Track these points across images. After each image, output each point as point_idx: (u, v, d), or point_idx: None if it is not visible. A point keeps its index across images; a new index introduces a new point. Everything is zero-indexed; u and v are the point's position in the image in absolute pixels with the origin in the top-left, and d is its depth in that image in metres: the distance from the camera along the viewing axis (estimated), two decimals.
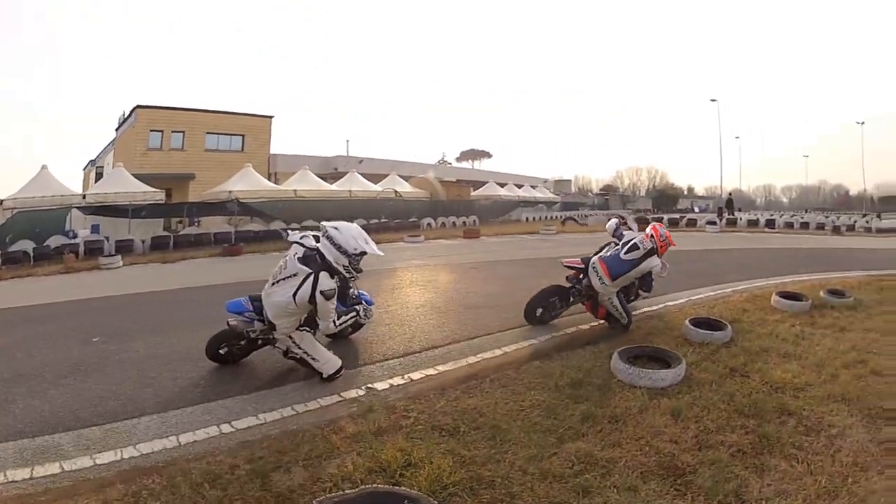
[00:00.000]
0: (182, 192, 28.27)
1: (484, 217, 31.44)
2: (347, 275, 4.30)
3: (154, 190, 20.21)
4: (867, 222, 33.29)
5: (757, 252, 15.98)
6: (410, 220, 26.89)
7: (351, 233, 4.24)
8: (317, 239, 4.32)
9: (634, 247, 5.90)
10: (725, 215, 32.05)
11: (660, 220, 26.03)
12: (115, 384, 4.59)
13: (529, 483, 2.94)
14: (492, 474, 3.01)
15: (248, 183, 22.54)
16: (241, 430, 3.62)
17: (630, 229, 6.83)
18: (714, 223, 26.55)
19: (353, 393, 4.26)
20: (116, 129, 32.23)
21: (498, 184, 39.24)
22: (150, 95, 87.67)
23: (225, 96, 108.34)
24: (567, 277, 6.20)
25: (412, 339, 5.82)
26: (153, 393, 4.35)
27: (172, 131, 29.61)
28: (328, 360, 4.35)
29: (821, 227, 29.25)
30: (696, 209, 57.18)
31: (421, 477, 2.92)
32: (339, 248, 4.13)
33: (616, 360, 4.62)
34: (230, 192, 21.52)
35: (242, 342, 4.68)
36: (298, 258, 4.20)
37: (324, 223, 4.32)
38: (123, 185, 19.59)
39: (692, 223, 28.47)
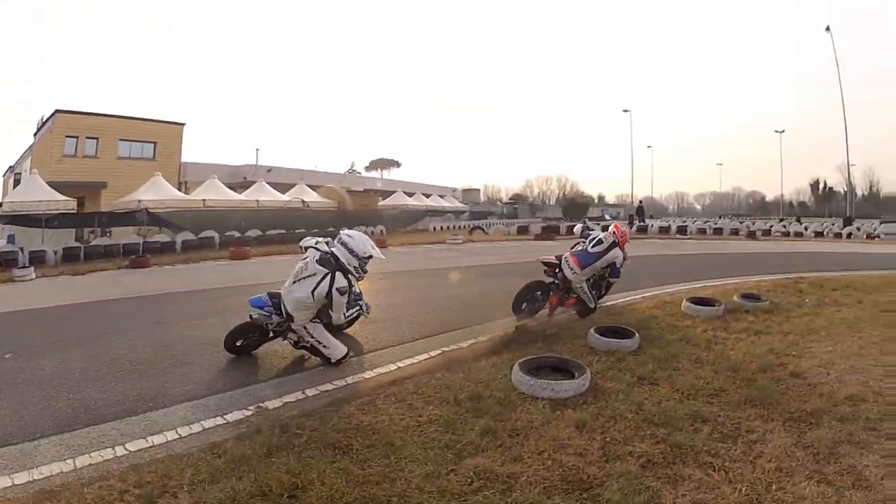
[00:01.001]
0: (95, 200, 31.33)
1: (391, 227, 35.24)
2: (357, 275, 5.86)
3: (65, 199, 22.55)
4: (784, 227, 38.85)
5: (668, 258, 18.01)
6: (314, 230, 29.74)
7: (361, 239, 5.88)
8: (328, 244, 5.92)
9: (599, 241, 8.06)
10: (636, 222, 36.25)
11: (570, 228, 29.95)
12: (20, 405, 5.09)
13: (426, 501, 3.19)
14: (387, 493, 3.25)
15: (157, 192, 25.82)
16: (133, 452, 4.02)
17: (592, 230, 8.88)
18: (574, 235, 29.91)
19: (239, 414, 4.67)
20: (34, 134, 35.47)
21: (406, 193, 45.94)
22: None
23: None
24: (545, 272, 8.10)
25: (306, 355, 6.20)
26: (51, 414, 4.83)
27: (87, 137, 32.78)
28: (336, 347, 5.77)
29: (735, 232, 33.81)
30: (608, 216, 63.61)
31: (311, 499, 3.18)
32: (351, 251, 5.71)
33: (517, 372, 5.04)
34: (139, 201, 24.58)
35: (256, 335, 6.11)
36: (317, 260, 5.70)
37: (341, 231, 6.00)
38: (37, 194, 21.98)
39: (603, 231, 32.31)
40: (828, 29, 45.17)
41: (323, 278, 5.58)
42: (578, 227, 9.29)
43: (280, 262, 16.35)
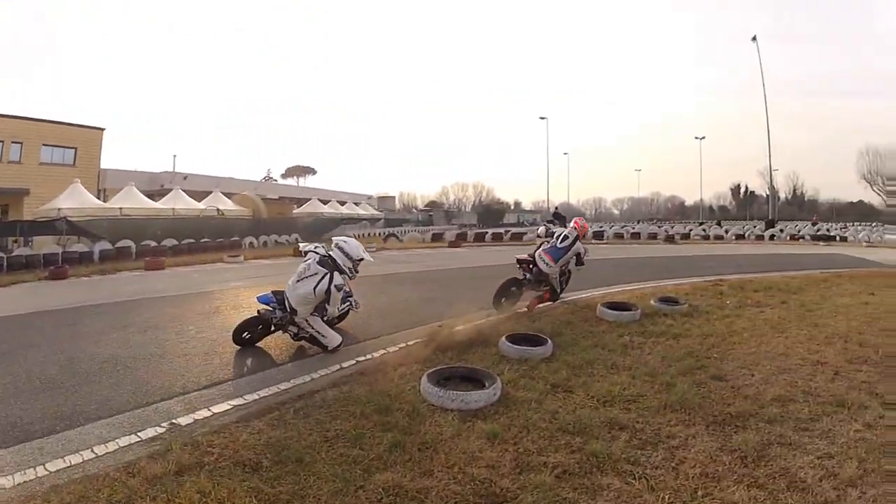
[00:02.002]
0: (18, 208, 37.69)
1: (306, 235, 39.86)
2: (350, 275, 8.27)
3: None
4: (704, 230, 44.49)
5: (588, 263, 20.06)
6: (233, 238, 35.22)
7: (355, 244, 8.31)
8: (325, 248, 8.30)
9: (566, 237, 10.96)
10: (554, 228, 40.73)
11: (483, 234, 37.21)
12: None
13: None
14: None
15: (76, 200, 31.07)
16: (52, 473, 4.61)
17: (555, 230, 11.62)
18: (539, 237, 33.58)
19: (152, 431, 5.35)
20: None
21: (321, 201, 55.32)
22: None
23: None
24: (520, 268, 11.01)
25: (216, 369, 7.35)
26: None
27: (12, 142, 38.56)
28: (333, 337, 8.03)
29: (653, 236, 38.91)
30: (524, 223, 75.36)
31: None
32: (346, 255, 8.12)
33: (425, 383, 5.81)
34: (59, 209, 29.50)
35: (261, 328, 8.29)
36: (317, 262, 7.98)
37: (334, 238, 8.61)
38: None
39: (518, 237, 37.10)
40: (754, 39, 55.98)
41: (323, 277, 7.86)
42: (542, 229, 12.10)
43: (195, 272, 20.07)
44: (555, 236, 11.21)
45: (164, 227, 32.80)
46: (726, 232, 43.63)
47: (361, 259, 8.36)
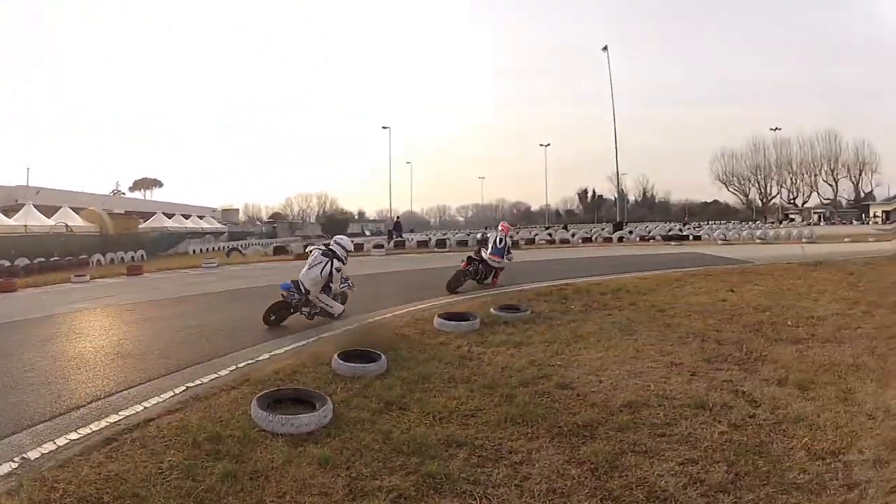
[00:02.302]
0: None
1: (152, 251, 44.43)
2: (344, 262, 11.69)
3: None
4: (550, 234, 46.97)
5: (425, 272, 21.05)
6: (81, 256, 36.89)
7: (346, 241, 12.24)
8: (326, 245, 11.97)
9: (501, 239, 16.25)
10: (394, 237, 43.82)
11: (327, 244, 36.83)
12: None
13: None
14: None
15: None
16: None
17: (487, 239, 16.77)
18: (381, 246, 36.93)
19: (7, 466, 5.23)
20: None
21: (166, 214, 58.14)
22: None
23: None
24: (469, 260, 16.06)
25: (58, 398, 7.28)
26: None
27: None
28: (337, 307, 11.47)
29: None
30: (368, 233, 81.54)
31: None
32: (342, 247, 11.79)
33: (255, 408, 5.85)
34: None
35: (283, 311, 11.40)
36: (321, 253, 11.53)
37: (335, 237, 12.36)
38: None
39: (360, 247, 36.75)
40: (605, 48, 62.59)
41: (327, 263, 11.27)
42: (478, 237, 21.06)
43: (44, 294, 20.14)
44: (491, 240, 16.52)
45: (16, 244, 34.45)
46: (573, 235, 45.78)
47: (350, 250, 12.18)
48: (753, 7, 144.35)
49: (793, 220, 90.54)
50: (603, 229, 53.95)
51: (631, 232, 47.46)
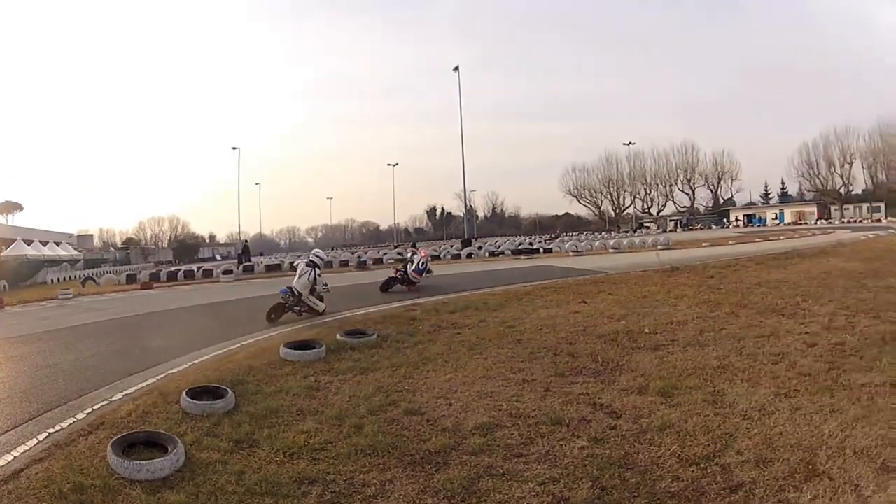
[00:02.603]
0: None
1: (13, 281, 44.16)
2: (321, 269, 16.90)
3: None
4: (399, 254, 45.48)
5: (273, 298, 20.37)
6: None
7: (322, 253, 18.95)
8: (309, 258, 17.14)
9: (424, 262, 21.22)
10: (243, 262, 44.33)
11: (176, 273, 40.95)
12: None
13: None
14: None
15: None
16: None
17: (412, 261, 21.28)
18: (230, 272, 37.01)
19: None
20: None
21: (25, 241, 57.70)
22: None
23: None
24: (396, 271, 21.62)
25: None
26: None
27: None
28: (321, 306, 15.91)
29: (345, 263, 41.24)
30: (218, 257, 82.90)
31: None
32: (319, 258, 17.48)
33: (111, 454, 5.73)
34: None
35: (281, 309, 15.52)
36: (305, 264, 16.60)
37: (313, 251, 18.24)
38: None
39: (209, 273, 38.64)
40: (456, 69, 64.72)
41: (311, 271, 15.28)
42: (407, 254, 23.79)
43: None
44: (416, 260, 21.13)
45: None
46: None
47: (325, 259, 17.76)
48: (607, 25, 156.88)
49: (647, 228, 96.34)
50: (452, 246, 55.47)
51: (480, 248, 48.79)
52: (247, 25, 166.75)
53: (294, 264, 23.95)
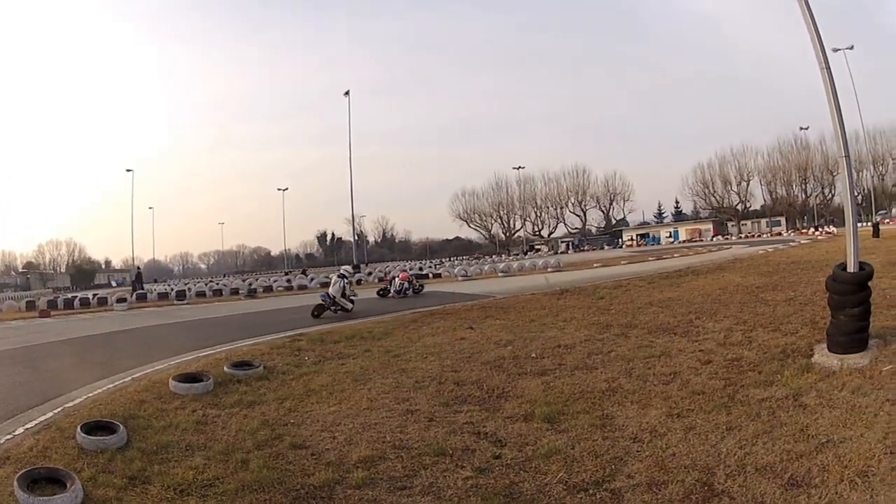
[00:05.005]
0: None
1: None
2: (349, 279, 24.68)
3: None
4: (288, 281, 48.37)
5: (160, 329, 21.26)
6: None
7: (348, 268, 27.78)
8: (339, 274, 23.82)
9: (401, 283, 28.61)
10: (137, 290, 43.85)
11: (72, 300, 40.89)
12: None
13: None
14: None
15: None
16: None
17: (395, 278, 29.61)
18: (124, 300, 36.61)
19: None
20: None
21: None
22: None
23: None
24: (402, 279, 29.19)
25: None
26: None
27: None
28: (350, 305, 22.21)
29: (235, 291, 41.52)
30: (114, 283, 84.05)
31: None
32: (346, 273, 24.77)
33: (17, 489, 5.75)
34: None
35: (321, 309, 21.56)
36: (337, 276, 23.73)
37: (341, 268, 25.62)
38: None
39: (104, 301, 38.28)
40: (347, 93, 65.86)
41: (341, 281, 21.79)
42: (393, 274, 33.24)
43: None
44: (397, 280, 28.10)
45: None
46: (311, 280, 47.15)
47: (350, 274, 24.24)
48: (496, 50, 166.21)
49: (539, 250, 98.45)
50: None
51: (370, 273, 49.97)
52: (135, 48, 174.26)
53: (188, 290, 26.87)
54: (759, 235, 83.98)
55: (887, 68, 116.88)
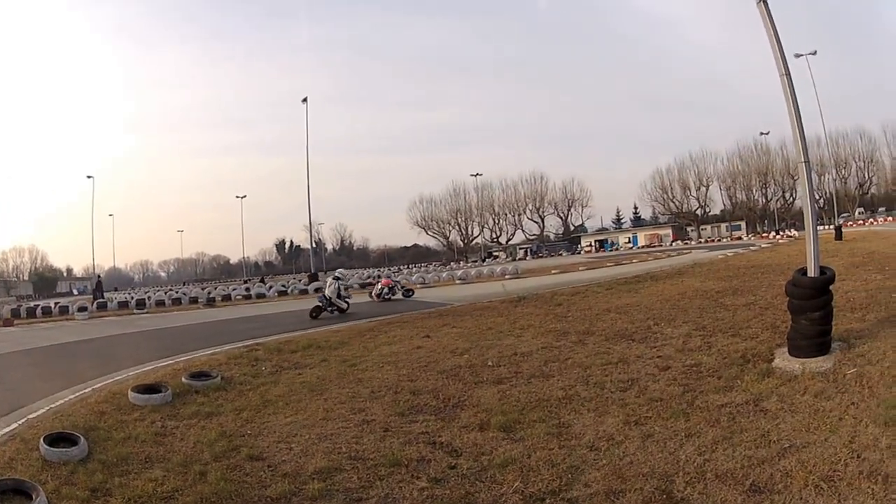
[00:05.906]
0: None
1: None
2: (343, 280, 28.25)
3: None
4: (247, 289, 47.99)
5: (120, 339, 21.22)
6: None
7: (342, 271, 34.27)
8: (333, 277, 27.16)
9: (381, 288, 30.90)
10: (98, 299, 44.19)
11: (35, 309, 40.57)
12: None
13: None
14: None
15: None
16: None
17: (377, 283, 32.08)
18: (85, 309, 37.31)
19: None
20: None
21: None
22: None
23: None
24: (384, 284, 31.48)
25: None
26: None
27: None
28: (345, 304, 25.01)
29: (194, 300, 41.56)
30: (75, 291, 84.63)
31: None
32: (343, 277, 29.40)
33: None
34: None
35: (318, 310, 24.01)
36: (332, 278, 27.04)
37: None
38: None
39: (65, 310, 38.36)
40: (304, 100, 64.48)
41: (336, 283, 24.50)
42: (379, 285, 31.11)
43: None
44: (382, 285, 30.08)
45: None
46: (269, 289, 47.25)
47: (344, 277, 28.47)
48: (454, 57, 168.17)
49: (497, 257, 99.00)
50: (300, 280, 56.35)
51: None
52: (96, 56, 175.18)
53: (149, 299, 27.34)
54: (720, 240, 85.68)
55: (850, 71, 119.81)
